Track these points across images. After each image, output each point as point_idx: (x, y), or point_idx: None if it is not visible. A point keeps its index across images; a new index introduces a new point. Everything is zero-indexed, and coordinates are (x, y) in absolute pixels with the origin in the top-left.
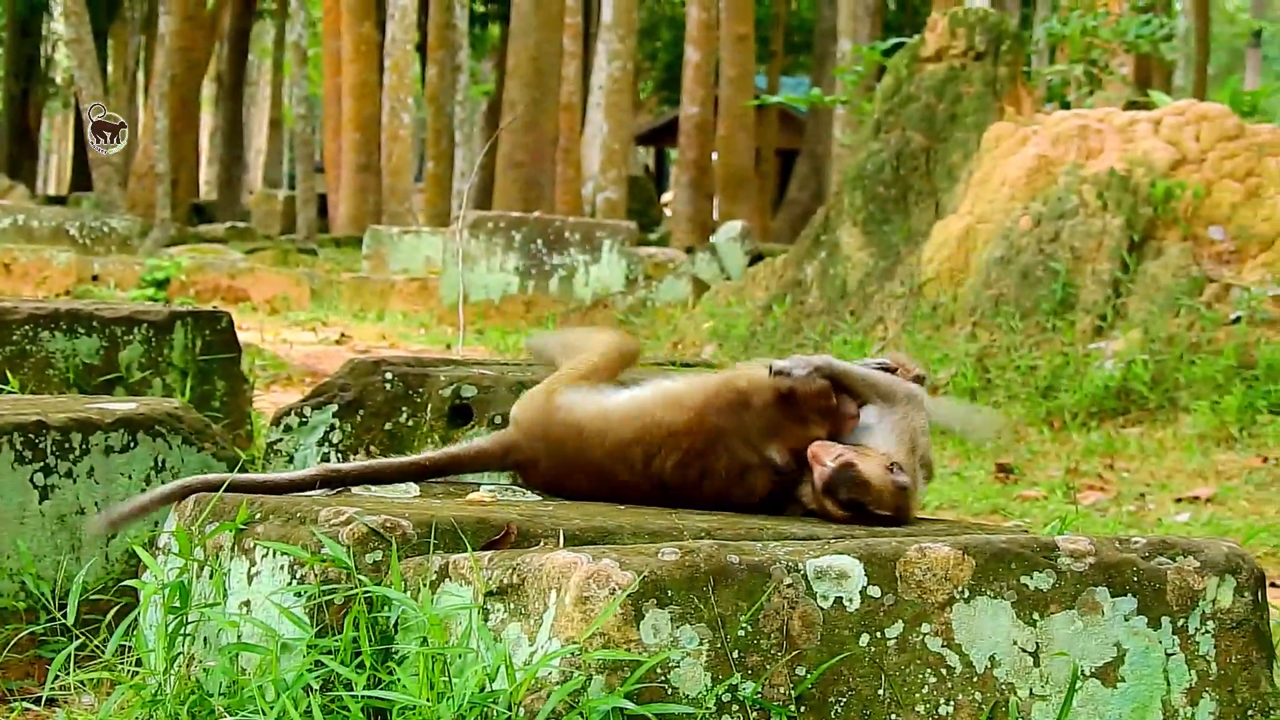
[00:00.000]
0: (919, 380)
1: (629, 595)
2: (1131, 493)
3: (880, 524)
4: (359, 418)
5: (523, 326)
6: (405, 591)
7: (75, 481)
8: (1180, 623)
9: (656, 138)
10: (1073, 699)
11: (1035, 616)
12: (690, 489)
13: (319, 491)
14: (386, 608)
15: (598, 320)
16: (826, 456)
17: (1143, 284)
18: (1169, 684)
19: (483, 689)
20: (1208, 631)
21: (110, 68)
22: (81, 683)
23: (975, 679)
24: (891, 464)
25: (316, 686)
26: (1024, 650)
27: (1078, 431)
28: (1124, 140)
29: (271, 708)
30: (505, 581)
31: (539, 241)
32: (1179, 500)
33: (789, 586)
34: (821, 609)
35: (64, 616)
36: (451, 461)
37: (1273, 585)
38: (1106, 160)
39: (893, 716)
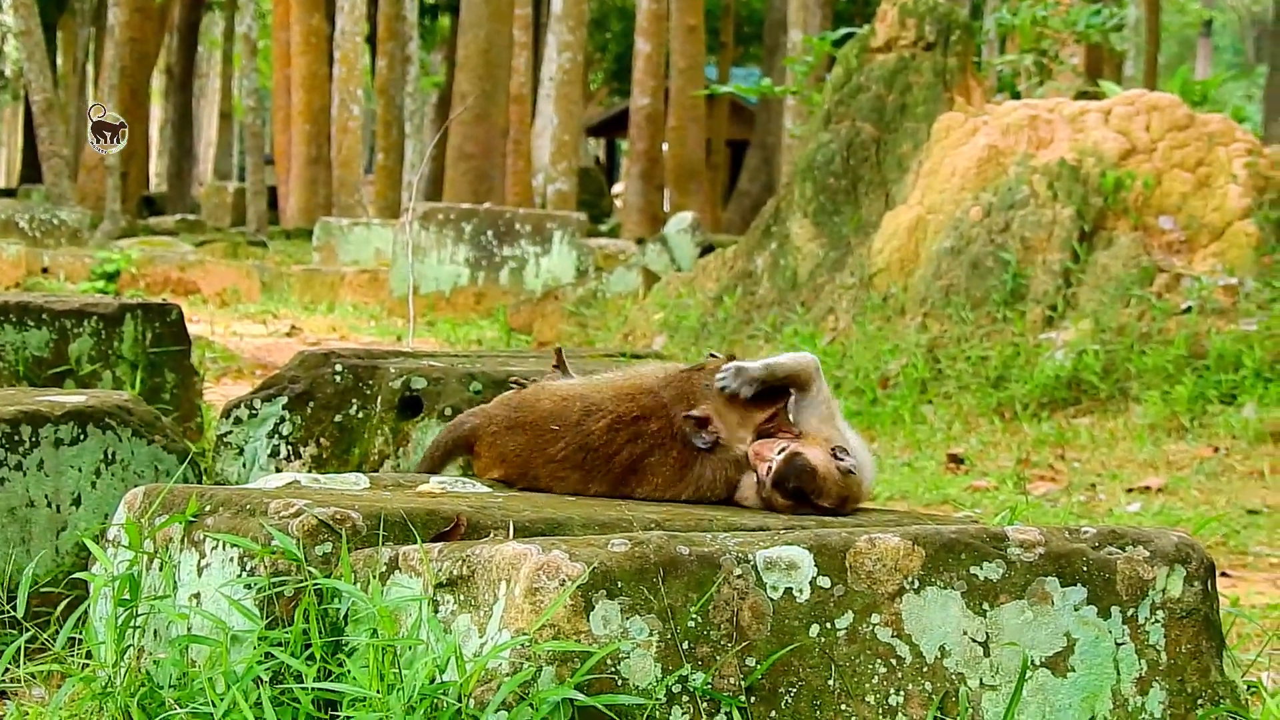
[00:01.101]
0: None
1: (579, 586)
2: (1082, 483)
3: (829, 513)
4: (309, 410)
5: (473, 318)
6: (355, 583)
7: (25, 474)
8: (1130, 612)
9: (607, 129)
10: (1022, 689)
11: (985, 607)
12: (614, 451)
13: None
14: (336, 600)
15: (548, 311)
16: (770, 451)
17: (1093, 274)
18: (1119, 673)
19: (432, 680)
20: (1158, 621)
21: (60, 60)
22: (31, 675)
23: (925, 669)
24: (835, 448)
25: (266, 678)
26: (974, 640)
27: (1029, 422)
28: (1074, 130)
29: (221, 699)
30: (455, 573)
31: (489, 233)
32: (1130, 490)
33: (739, 577)
34: (771, 600)
35: (13, 609)
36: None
37: (1223, 575)
38: (1057, 150)
39: (843, 707)
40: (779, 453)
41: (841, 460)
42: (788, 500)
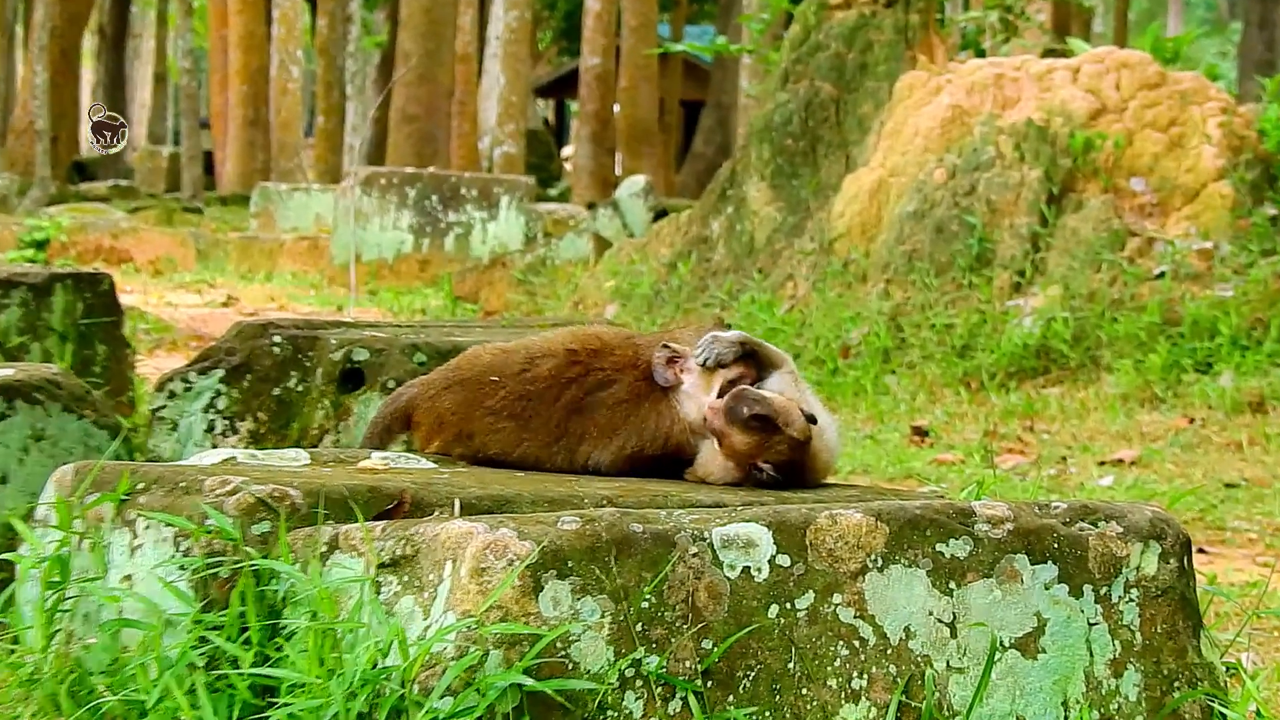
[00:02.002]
0: None
1: (528, 566)
2: (1052, 456)
3: (793, 479)
4: (246, 383)
5: (417, 286)
6: (294, 564)
7: None
8: (1103, 591)
9: (556, 90)
10: (991, 671)
11: (952, 586)
12: (556, 395)
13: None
14: (274, 581)
15: (495, 279)
16: (719, 401)
17: (1062, 238)
18: (1092, 655)
19: (375, 665)
20: (1132, 600)
21: None
22: None
23: (889, 651)
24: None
25: (201, 664)
26: (940, 621)
27: (996, 392)
28: (1041, 89)
29: (155, 686)
30: (398, 553)
31: (434, 198)
32: (1102, 463)
33: (694, 556)
34: (728, 579)
35: None
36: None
37: (1200, 551)
38: (1023, 110)
39: (803, 690)
40: (728, 396)
41: (802, 406)
42: (750, 434)
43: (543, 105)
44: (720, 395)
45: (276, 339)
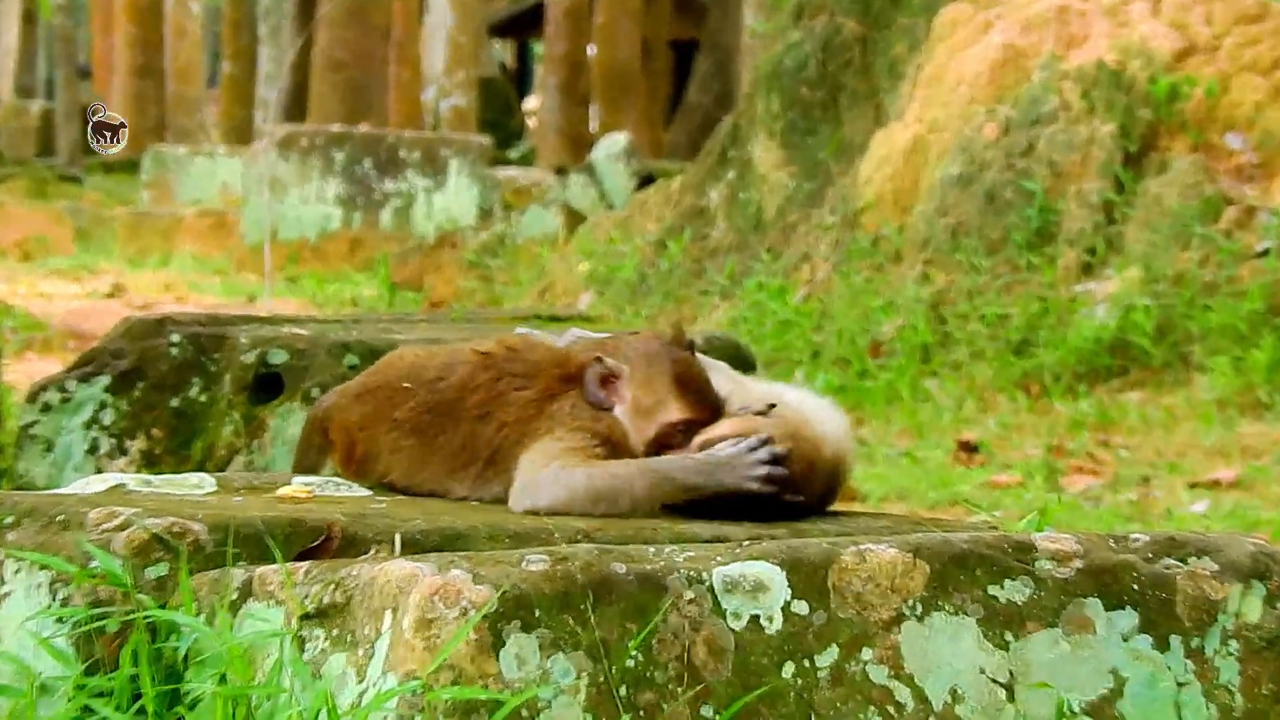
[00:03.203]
0: None
1: (485, 616)
2: (1131, 476)
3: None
4: (138, 392)
5: (347, 271)
6: (198, 615)
7: None
8: (1194, 643)
9: (516, 28)
10: None
11: (1008, 637)
12: (463, 402)
13: None
14: (174, 636)
15: (443, 262)
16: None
17: (1142, 208)
18: None
19: None
20: (1230, 654)
21: None
22: None
23: (931, 718)
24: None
25: None
26: (994, 681)
27: (1061, 398)
28: (1115, 24)
29: None
30: (326, 600)
31: (367, 162)
32: (1193, 485)
33: (691, 602)
34: (733, 631)
35: None
36: None
37: None
38: (1093, 50)
39: None
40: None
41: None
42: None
43: (500, 47)
44: (657, 443)
45: (174, 338)
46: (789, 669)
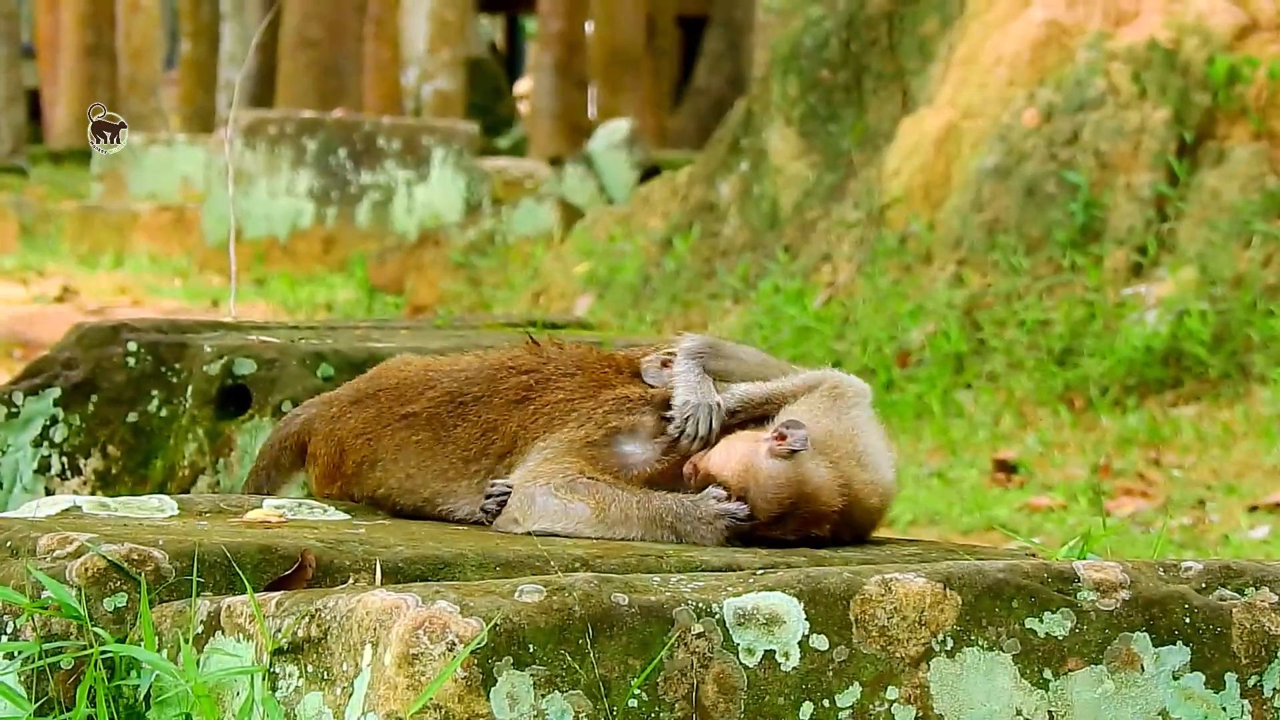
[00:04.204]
0: None
1: (474, 651)
2: (1185, 498)
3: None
4: (91, 406)
5: (320, 273)
6: (160, 650)
7: None
8: (1252, 682)
9: (508, 2)
10: None
11: (1047, 675)
12: (497, 388)
13: None
14: (135, 673)
15: (426, 263)
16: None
17: (1198, 202)
18: None
19: None
20: None
21: None
22: None
23: None
24: (783, 428)
25: None
26: None
27: (1108, 412)
28: None
29: None
30: (300, 634)
31: (342, 152)
32: (1253, 509)
33: (700, 637)
34: (745, 668)
35: None
36: None
37: None
38: (1144, 27)
39: None
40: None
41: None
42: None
43: (489, 24)
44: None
45: (131, 347)
46: (807, 710)
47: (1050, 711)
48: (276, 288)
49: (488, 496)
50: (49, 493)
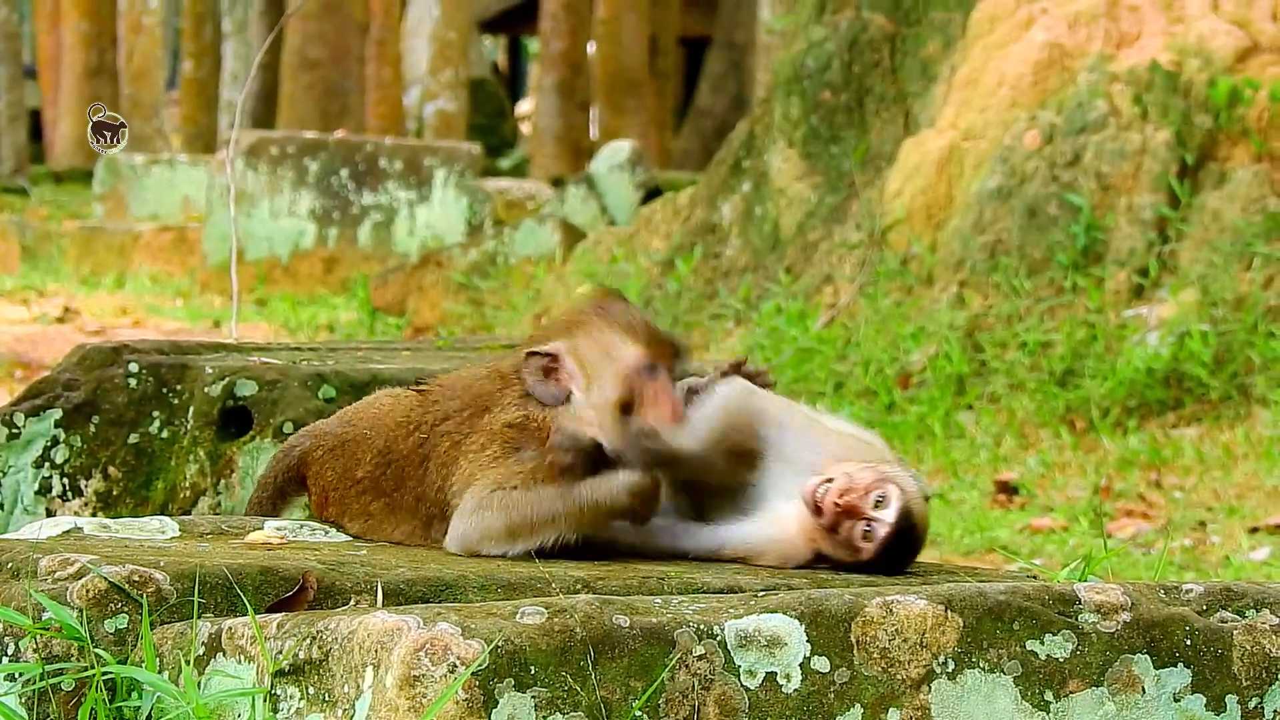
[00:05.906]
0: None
1: (475, 673)
2: (1187, 520)
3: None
4: (93, 428)
5: (322, 294)
6: (161, 672)
7: None
8: (1253, 704)
9: (510, 23)
10: None
11: (1048, 697)
12: (424, 454)
13: None
14: (135, 695)
15: (428, 284)
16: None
17: (1200, 224)
18: None
19: None
20: None
21: None
22: None
23: None
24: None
25: None
26: None
27: (1110, 434)
28: (1170, 20)
29: None
30: (302, 656)
31: (344, 173)
32: (1254, 530)
33: (701, 658)
34: (747, 690)
35: None
36: None
37: None
38: (1146, 50)
39: None
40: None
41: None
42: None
43: (491, 45)
44: (623, 404)
45: (133, 368)
46: None
47: None
48: (278, 308)
49: None
50: (50, 514)
